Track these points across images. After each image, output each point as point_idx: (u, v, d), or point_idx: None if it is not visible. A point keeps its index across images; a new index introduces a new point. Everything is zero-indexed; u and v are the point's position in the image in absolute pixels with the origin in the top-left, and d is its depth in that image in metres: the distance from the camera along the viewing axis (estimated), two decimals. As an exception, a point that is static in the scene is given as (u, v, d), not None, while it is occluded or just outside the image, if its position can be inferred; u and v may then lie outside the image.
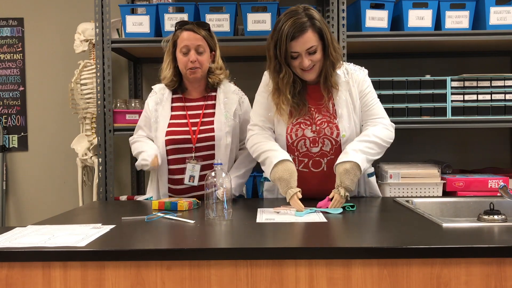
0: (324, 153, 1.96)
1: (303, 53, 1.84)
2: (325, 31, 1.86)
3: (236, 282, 1.26)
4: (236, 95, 2.21)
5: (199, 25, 2.12)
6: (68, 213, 1.91)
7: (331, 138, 1.94)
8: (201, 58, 2.09)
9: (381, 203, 1.97)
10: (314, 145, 1.95)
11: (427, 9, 2.65)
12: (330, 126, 1.94)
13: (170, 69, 2.16)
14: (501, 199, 1.89)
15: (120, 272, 1.26)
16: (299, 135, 1.95)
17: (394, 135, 2.01)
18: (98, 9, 2.65)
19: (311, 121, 1.96)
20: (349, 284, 1.25)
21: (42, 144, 3.28)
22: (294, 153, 1.97)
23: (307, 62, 1.85)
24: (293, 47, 1.83)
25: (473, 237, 1.36)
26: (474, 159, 3.15)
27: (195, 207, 1.89)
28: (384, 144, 1.93)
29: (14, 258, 1.27)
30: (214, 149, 2.12)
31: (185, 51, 2.08)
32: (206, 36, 2.11)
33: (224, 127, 2.12)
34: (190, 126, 2.13)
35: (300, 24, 1.81)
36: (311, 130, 1.95)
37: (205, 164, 2.11)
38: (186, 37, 2.08)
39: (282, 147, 1.96)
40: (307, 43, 1.82)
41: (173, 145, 2.12)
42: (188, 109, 2.18)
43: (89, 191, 3.23)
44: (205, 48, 2.11)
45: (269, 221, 1.60)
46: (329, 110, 1.97)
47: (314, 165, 1.97)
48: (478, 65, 3.09)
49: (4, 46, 3.27)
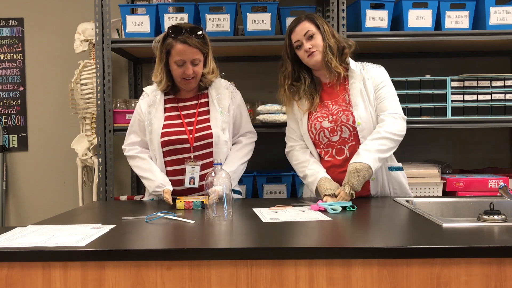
0: (345, 140, 2.07)
1: (303, 39, 2.05)
2: (320, 22, 2.07)
3: (236, 282, 1.26)
4: (227, 89, 2.19)
5: (193, 32, 2.04)
6: (68, 213, 1.91)
7: (348, 125, 2.05)
8: (196, 69, 2.07)
9: (381, 203, 1.97)
10: (333, 134, 2.07)
11: (427, 9, 2.65)
12: (346, 114, 2.06)
13: (164, 76, 2.12)
14: (501, 199, 1.89)
15: (120, 272, 1.26)
16: (317, 128, 2.09)
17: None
18: (98, 9, 2.65)
19: (328, 112, 2.09)
20: (349, 284, 1.25)
21: (42, 144, 3.28)
22: (319, 146, 2.12)
23: (307, 46, 2.04)
24: (293, 38, 2.08)
25: (473, 237, 1.36)
26: (474, 159, 3.15)
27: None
28: (396, 137, 2.01)
29: (14, 258, 1.27)
30: (212, 147, 2.11)
31: (181, 64, 2.04)
32: (200, 46, 2.05)
33: (221, 124, 2.11)
34: (185, 126, 2.11)
35: (297, 19, 2.10)
36: (328, 120, 2.07)
37: (204, 163, 2.10)
38: (181, 50, 2.02)
39: (310, 145, 2.13)
40: (303, 30, 2.06)
41: (169, 146, 2.10)
42: (182, 109, 2.16)
43: (89, 191, 3.22)
44: (200, 58, 2.08)
45: (274, 220, 1.60)
46: (345, 100, 2.09)
47: (338, 153, 2.08)
48: (478, 65, 3.09)
49: (4, 46, 3.27)
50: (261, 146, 2.34)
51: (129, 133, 2.22)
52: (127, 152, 2.21)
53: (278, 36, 2.63)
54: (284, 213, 1.73)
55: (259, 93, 2.91)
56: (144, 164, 2.14)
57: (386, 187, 2.11)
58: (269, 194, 2.77)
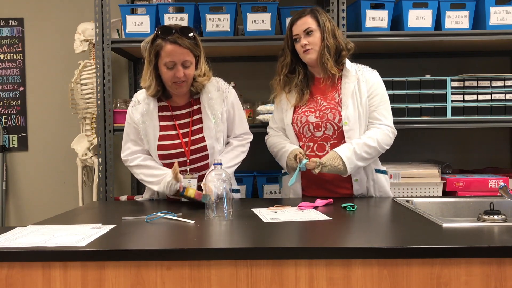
0: (327, 137, 2.09)
1: (301, 34, 2.07)
2: (323, 20, 2.07)
3: (236, 282, 1.26)
4: (218, 91, 2.07)
5: (183, 33, 1.92)
6: (68, 213, 1.91)
7: (333, 123, 2.07)
8: (188, 71, 1.95)
9: (381, 203, 1.97)
10: (317, 130, 2.09)
11: (427, 9, 2.65)
12: (333, 112, 2.07)
13: (153, 80, 1.99)
14: (501, 199, 1.89)
15: (120, 272, 1.26)
16: (303, 121, 2.11)
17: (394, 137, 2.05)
18: (98, 9, 2.65)
19: (316, 108, 2.11)
20: (349, 284, 1.25)
21: (42, 144, 3.28)
22: (302, 139, 2.14)
23: (304, 41, 2.06)
24: (294, 31, 2.10)
25: (473, 237, 1.36)
26: (474, 159, 3.15)
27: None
28: (382, 151, 2.07)
29: (14, 258, 1.27)
30: (208, 159, 2.04)
31: (171, 66, 1.92)
32: (191, 47, 1.93)
33: (214, 134, 2.03)
34: (181, 138, 2.04)
35: (301, 12, 2.11)
36: (314, 116, 2.09)
37: (201, 174, 2.04)
38: (171, 51, 1.90)
39: (292, 136, 2.15)
40: (304, 25, 2.07)
41: (166, 160, 2.04)
42: (176, 118, 2.06)
43: (89, 191, 3.23)
44: (192, 60, 1.95)
45: (274, 220, 1.60)
46: (334, 98, 2.10)
47: (319, 149, 2.10)
48: (478, 65, 3.09)
49: (4, 46, 3.27)
50: (261, 146, 2.33)
51: (126, 142, 2.12)
52: (130, 163, 2.10)
53: (278, 36, 2.63)
54: (284, 213, 1.73)
55: (259, 93, 2.91)
56: (155, 171, 2.03)
57: (371, 188, 2.13)
58: (269, 194, 2.77)
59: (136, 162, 2.08)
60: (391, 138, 2.09)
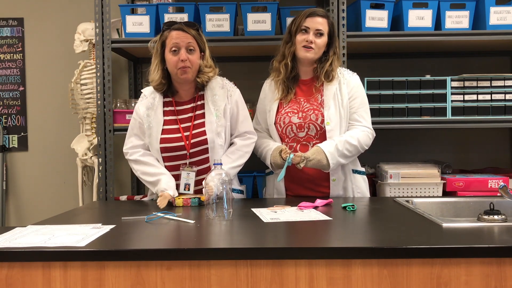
0: (310, 137, 2.15)
1: (312, 30, 2.11)
2: (334, 34, 2.18)
3: (236, 282, 1.26)
4: (222, 89, 2.12)
5: (188, 25, 2.05)
6: (68, 213, 1.91)
7: (316, 124, 2.13)
8: (192, 57, 2.02)
9: (381, 203, 1.97)
10: (300, 130, 2.15)
11: (427, 9, 2.65)
12: (316, 113, 2.14)
13: (159, 71, 2.08)
14: (501, 199, 1.89)
15: (120, 272, 1.26)
16: (286, 122, 2.16)
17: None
18: (98, 9, 2.65)
19: (298, 109, 2.17)
20: (349, 284, 1.25)
21: (42, 144, 3.28)
22: (285, 139, 2.19)
23: (311, 38, 2.10)
24: (307, 22, 2.13)
25: (473, 237, 1.36)
26: (474, 159, 3.15)
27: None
28: (362, 150, 2.15)
29: (14, 258, 1.27)
30: (208, 152, 2.07)
31: (175, 49, 2.00)
32: (195, 36, 2.04)
33: (216, 128, 2.06)
34: (182, 131, 2.07)
35: (320, 10, 2.17)
36: (297, 117, 2.15)
37: (200, 168, 2.06)
38: (175, 35, 2.01)
39: (275, 136, 2.20)
40: (319, 24, 2.12)
41: (167, 153, 2.07)
42: (179, 113, 2.11)
43: (89, 191, 3.23)
44: (195, 47, 2.04)
45: (274, 220, 1.60)
46: (317, 100, 2.17)
47: (302, 149, 2.16)
48: (478, 65, 3.09)
49: (4, 46, 3.27)
50: (261, 146, 2.33)
51: (129, 136, 2.18)
52: (129, 156, 2.15)
53: (278, 36, 2.62)
54: (283, 213, 1.73)
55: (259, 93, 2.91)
56: (149, 169, 2.08)
57: (349, 189, 2.18)
58: (269, 194, 2.76)
59: (135, 157, 2.14)
60: (370, 139, 2.17)
